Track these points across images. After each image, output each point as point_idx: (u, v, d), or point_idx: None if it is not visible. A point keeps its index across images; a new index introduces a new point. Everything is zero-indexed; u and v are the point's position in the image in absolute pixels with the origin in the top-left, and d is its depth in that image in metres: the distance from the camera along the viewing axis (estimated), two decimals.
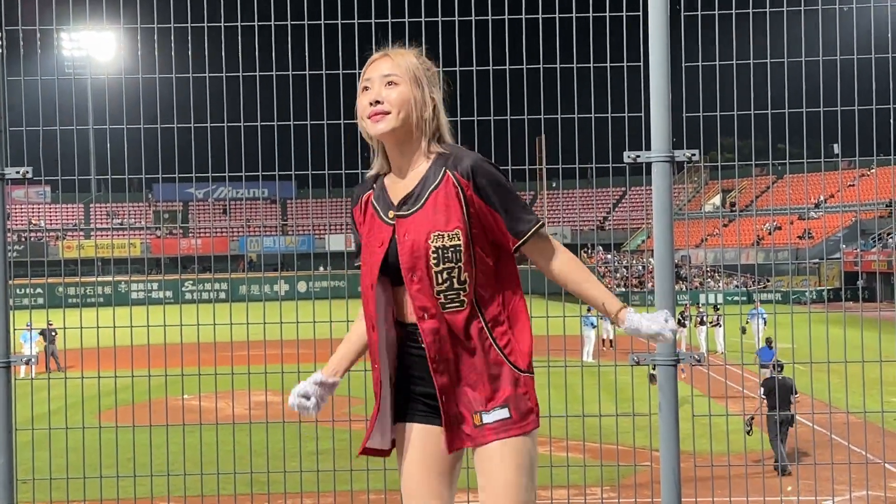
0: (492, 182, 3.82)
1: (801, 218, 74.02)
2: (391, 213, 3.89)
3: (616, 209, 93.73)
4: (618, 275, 69.36)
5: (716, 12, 6.67)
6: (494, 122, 6.75)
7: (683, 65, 6.57)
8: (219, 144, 7.57)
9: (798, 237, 71.76)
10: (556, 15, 6.54)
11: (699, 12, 6.58)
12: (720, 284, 67.10)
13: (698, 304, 46.12)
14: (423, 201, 3.84)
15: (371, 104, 3.85)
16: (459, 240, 3.78)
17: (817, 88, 7.09)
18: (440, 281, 3.78)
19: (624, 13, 6.48)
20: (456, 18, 6.66)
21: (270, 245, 78.44)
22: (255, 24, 7.04)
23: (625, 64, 6.48)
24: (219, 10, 7.07)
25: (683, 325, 37.16)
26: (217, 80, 7.13)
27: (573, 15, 6.46)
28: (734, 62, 6.84)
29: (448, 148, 3.92)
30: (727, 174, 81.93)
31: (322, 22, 6.95)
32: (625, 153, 6.08)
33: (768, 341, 27.36)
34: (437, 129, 3.93)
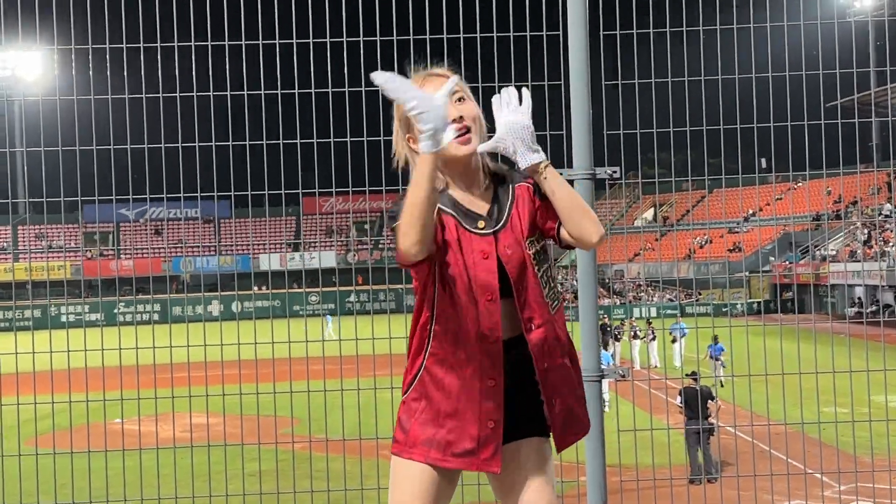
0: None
1: (732, 231, 74.97)
2: (482, 224, 3.82)
3: None
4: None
5: (634, 31, 6.78)
6: None
7: (604, 83, 6.67)
8: (152, 164, 7.54)
9: (729, 250, 72.67)
10: (478, 35, 6.61)
11: (618, 31, 6.68)
12: (653, 298, 67.69)
13: (631, 317, 46.44)
14: (506, 215, 3.84)
15: (454, 121, 3.71)
16: (542, 241, 3.87)
17: (744, 104, 7.23)
18: (543, 283, 3.84)
19: (544, 32, 6.56)
20: (379, 39, 6.70)
21: (205, 265, 77.75)
22: (190, 44, 7.02)
23: (545, 83, 6.56)
24: (155, 29, 7.05)
25: (618, 339, 37.48)
26: (152, 100, 7.10)
27: (494, 35, 6.52)
28: (653, 80, 6.95)
29: (497, 168, 3.94)
30: (661, 188, 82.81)
31: (260, 42, 6.96)
32: None
33: (714, 338, 28.22)
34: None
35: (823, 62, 7.20)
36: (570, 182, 6.07)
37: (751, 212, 76.06)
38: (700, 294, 63.81)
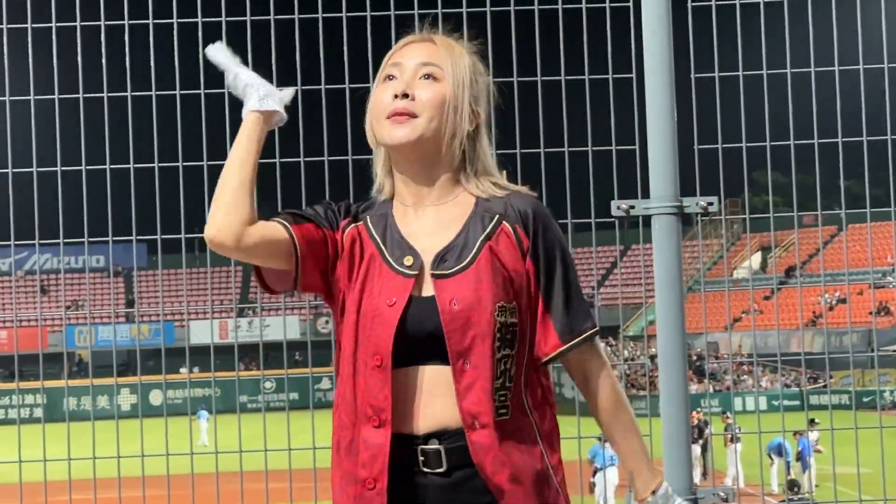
0: (554, 243, 3.88)
1: (877, 285, 74.63)
2: (409, 260, 3.82)
3: (607, 279, 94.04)
4: (615, 371, 69.49)
5: (737, 1, 6.81)
6: None
7: (693, 76, 6.68)
8: (39, 193, 7.58)
9: (870, 313, 72.40)
10: (511, 7, 6.63)
11: (713, 1, 6.71)
12: (762, 383, 67.33)
13: (724, 413, 46.00)
14: (472, 255, 3.82)
15: (397, 96, 3.82)
16: (516, 317, 3.81)
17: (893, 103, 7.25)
18: (498, 373, 3.76)
19: (607, 3, 6.59)
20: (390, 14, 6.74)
21: (107, 338, 77.68)
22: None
23: (610, 76, 6.58)
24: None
25: (699, 441, 37.13)
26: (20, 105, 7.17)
27: (535, 7, 6.55)
28: (764, 72, 6.97)
29: (498, 187, 3.94)
30: (774, 224, 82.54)
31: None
32: (613, 203, 6.14)
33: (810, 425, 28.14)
34: (475, 159, 3.92)
35: None
36: (647, 219, 6.09)
37: None
38: (831, 377, 63.62)
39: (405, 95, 3.79)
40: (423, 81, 3.83)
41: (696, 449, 36.71)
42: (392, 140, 3.81)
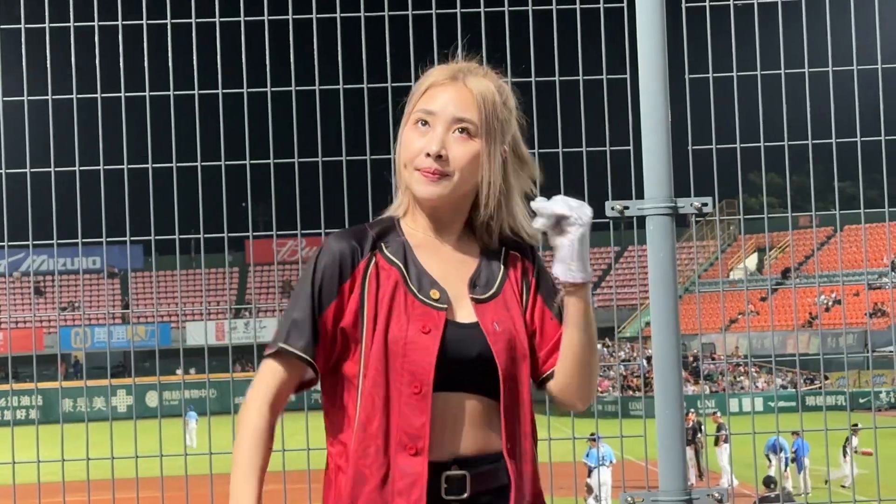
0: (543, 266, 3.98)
1: (872, 286, 74.50)
2: (435, 293, 3.80)
3: (603, 281, 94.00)
4: (611, 372, 69.40)
5: (731, 1, 6.81)
6: None
7: (687, 77, 6.69)
8: (34, 195, 7.58)
9: (868, 314, 72.33)
10: (506, 8, 6.63)
11: (707, 2, 6.71)
12: (759, 383, 67.23)
13: (714, 412, 45.93)
14: (497, 284, 3.89)
15: (430, 155, 3.77)
16: (526, 344, 3.88)
17: (888, 104, 7.25)
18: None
19: (601, 5, 6.59)
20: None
21: (102, 340, 77.59)
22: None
23: (604, 77, 6.57)
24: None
25: (693, 443, 36.90)
26: (15, 106, 7.16)
27: (529, 8, 6.54)
28: (758, 73, 6.97)
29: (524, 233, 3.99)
30: (770, 225, 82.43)
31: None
32: (608, 203, 6.14)
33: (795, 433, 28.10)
34: (499, 194, 3.92)
35: None
36: (641, 220, 6.09)
37: None
38: (827, 378, 63.56)
39: (438, 156, 3.76)
40: (457, 136, 3.79)
41: (690, 450, 36.53)
42: (423, 194, 3.80)
